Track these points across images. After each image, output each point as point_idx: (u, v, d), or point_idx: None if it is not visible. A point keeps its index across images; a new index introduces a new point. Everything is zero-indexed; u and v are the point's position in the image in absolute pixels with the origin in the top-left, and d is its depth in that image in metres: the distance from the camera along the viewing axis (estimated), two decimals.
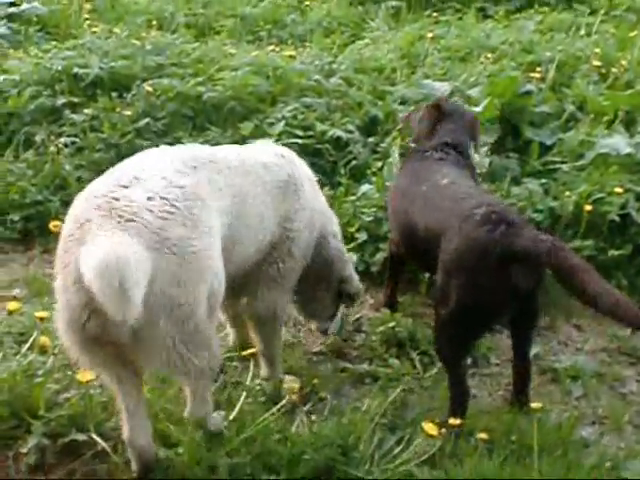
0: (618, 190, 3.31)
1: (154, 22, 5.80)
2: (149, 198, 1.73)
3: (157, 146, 2.16)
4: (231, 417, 2.04)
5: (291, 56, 4.77)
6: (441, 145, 2.75)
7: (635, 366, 2.86)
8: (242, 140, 3.64)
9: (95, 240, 1.61)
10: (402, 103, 4.13)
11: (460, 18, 6.19)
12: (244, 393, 2.15)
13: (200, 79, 4.29)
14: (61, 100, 4.24)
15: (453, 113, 2.89)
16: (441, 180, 2.54)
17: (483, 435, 2.10)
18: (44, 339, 2.35)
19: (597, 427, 2.47)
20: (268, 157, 2.29)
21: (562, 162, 3.70)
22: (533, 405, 2.18)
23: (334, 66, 4.57)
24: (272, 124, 3.87)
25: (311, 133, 3.81)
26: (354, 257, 3.00)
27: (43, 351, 2.35)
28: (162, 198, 1.75)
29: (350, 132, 3.85)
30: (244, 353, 2.44)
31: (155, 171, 1.84)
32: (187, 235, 1.73)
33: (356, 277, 2.68)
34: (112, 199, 1.71)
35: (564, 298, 3.16)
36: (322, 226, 2.49)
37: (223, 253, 1.90)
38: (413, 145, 3.01)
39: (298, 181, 2.31)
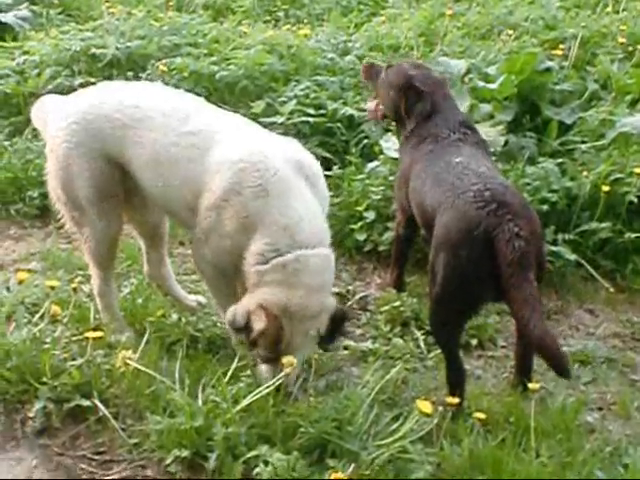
0: (638, 171, 3.20)
1: (172, 3, 5.81)
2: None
3: None
4: (229, 388, 2.06)
5: (305, 35, 4.72)
6: (458, 125, 2.63)
7: None
8: (254, 119, 3.63)
9: None
10: None
11: None
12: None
13: (214, 58, 4.30)
14: (79, 80, 4.29)
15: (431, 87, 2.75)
16: (455, 159, 2.46)
17: (480, 415, 2.06)
18: (55, 308, 2.38)
19: (604, 413, 2.40)
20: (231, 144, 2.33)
21: (582, 142, 3.58)
22: (531, 385, 2.12)
23: (349, 44, 4.52)
24: (284, 103, 3.85)
25: (323, 112, 3.77)
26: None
27: (54, 320, 2.39)
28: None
29: (362, 111, 3.80)
30: None
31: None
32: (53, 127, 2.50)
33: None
34: None
35: (578, 282, 3.11)
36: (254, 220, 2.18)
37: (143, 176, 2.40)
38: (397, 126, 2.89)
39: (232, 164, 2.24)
